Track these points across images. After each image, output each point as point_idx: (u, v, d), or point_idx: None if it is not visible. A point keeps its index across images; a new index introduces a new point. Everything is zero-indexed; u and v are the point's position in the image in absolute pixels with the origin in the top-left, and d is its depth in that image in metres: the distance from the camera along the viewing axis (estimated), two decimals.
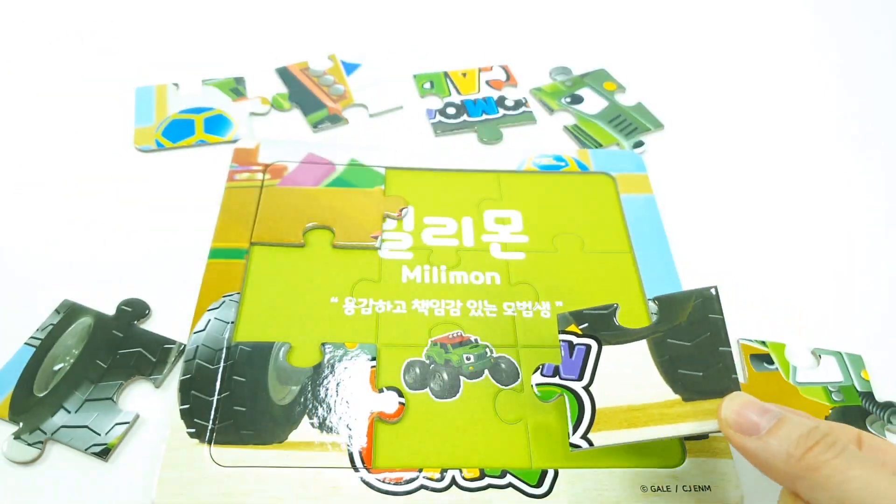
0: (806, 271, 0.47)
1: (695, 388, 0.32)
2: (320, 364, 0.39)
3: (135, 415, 0.36)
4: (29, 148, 0.51)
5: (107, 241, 0.45)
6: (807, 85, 0.63)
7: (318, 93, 0.57)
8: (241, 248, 0.44)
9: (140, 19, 0.63)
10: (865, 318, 0.45)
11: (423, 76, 0.60)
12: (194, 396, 0.37)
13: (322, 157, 0.50)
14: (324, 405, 0.37)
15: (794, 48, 0.68)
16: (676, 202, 0.50)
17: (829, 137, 0.58)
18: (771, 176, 0.54)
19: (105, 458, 0.35)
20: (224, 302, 0.41)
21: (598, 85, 0.60)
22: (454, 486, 0.34)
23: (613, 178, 0.51)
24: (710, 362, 0.33)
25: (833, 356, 0.42)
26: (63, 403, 0.36)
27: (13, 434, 0.35)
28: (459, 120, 0.56)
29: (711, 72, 0.63)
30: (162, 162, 0.50)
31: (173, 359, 0.39)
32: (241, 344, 0.39)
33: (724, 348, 0.33)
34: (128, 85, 0.56)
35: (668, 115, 0.58)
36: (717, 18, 0.70)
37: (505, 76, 0.61)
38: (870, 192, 0.54)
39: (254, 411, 0.36)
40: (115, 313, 0.41)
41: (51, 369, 0.38)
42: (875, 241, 0.50)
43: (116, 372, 0.38)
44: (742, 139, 0.57)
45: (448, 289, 0.43)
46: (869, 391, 0.41)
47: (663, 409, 0.32)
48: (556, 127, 0.56)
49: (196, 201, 0.47)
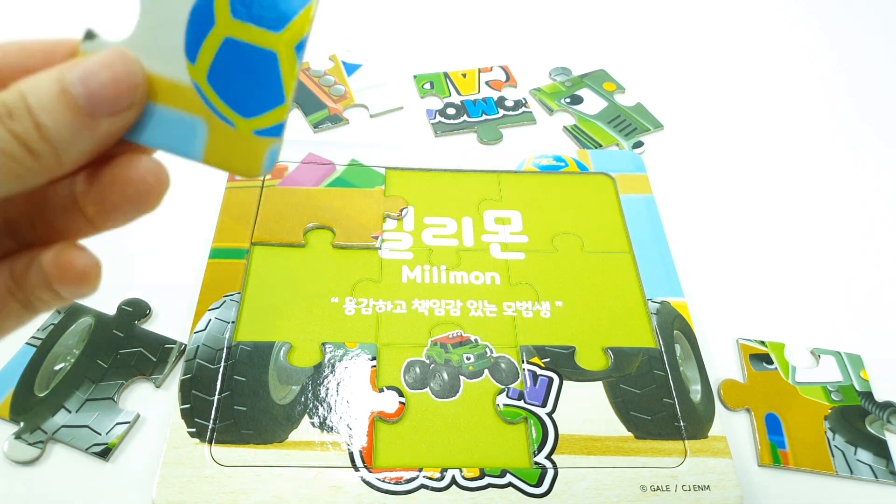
0: (805, 271, 0.48)
1: (644, 429, 0.37)
2: (321, 364, 0.39)
3: (135, 414, 0.36)
4: None
5: (107, 240, 0.45)
6: (806, 85, 0.63)
7: (318, 93, 0.57)
8: (242, 248, 0.44)
9: None
10: (865, 317, 0.45)
11: (423, 77, 0.60)
12: (195, 396, 0.37)
13: (322, 158, 0.50)
14: (324, 405, 0.37)
15: (793, 48, 0.68)
16: (676, 202, 0.50)
17: (828, 138, 0.58)
18: (770, 176, 0.54)
19: (106, 457, 0.35)
20: (225, 302, 0.41)
21: (598, 85, 0.60)
22: (454, 485, 0.34)
23: (613, 179, 0.51)
24: (657, 409, 0.38)
25: (832, 356, 0.42)
26: (64, 403, 0.36)
27: (14, 434, 0.35)
28: (459, 120, 0.56)
29: (711, 72, 0.64)
30: (164, 162, 0.50)
31: (174, 358, 0.39)
32: (241, 344, 0.39)
33: (668, 400, 0.38)
34: None
35: (667, 116, 0.58)
36: (716, 19, 0.70)
37: (505, 77, 0.61)
38: (869, 192, 0.54)
39: (254, 411, 0.36)
40: (115, 313, 0.41)
41: (52, 369, 0.38)
42: (874, 241, 0.50)
43: (117, 372, 0.38)
44: (742, 139, 0.57)
45: (448, 289, 0.43)
46: (868, 391, 0.41)
47: (619, 443, 0.37)
48: (555, 127, 0.57)
49: (197, 201, 0.47)
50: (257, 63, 0.19)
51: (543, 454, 0.36)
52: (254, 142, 0.20)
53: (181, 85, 0.20)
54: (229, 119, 0.20)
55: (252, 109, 0.20)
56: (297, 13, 0.19)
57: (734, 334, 0.43)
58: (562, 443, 0.36)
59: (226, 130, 0.20)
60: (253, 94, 0.20)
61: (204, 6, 0.19)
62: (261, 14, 0.19)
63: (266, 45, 0.19)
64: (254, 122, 0.20)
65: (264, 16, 0.19)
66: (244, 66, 0.19)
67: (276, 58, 0.19)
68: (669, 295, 0.44)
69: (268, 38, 0.19)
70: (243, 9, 0.19)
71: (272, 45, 0.19)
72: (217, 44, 0.19)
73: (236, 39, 0.19)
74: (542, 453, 0.36)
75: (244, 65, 0.19)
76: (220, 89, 0.20)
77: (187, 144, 0.21)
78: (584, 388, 0.39)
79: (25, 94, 0.18)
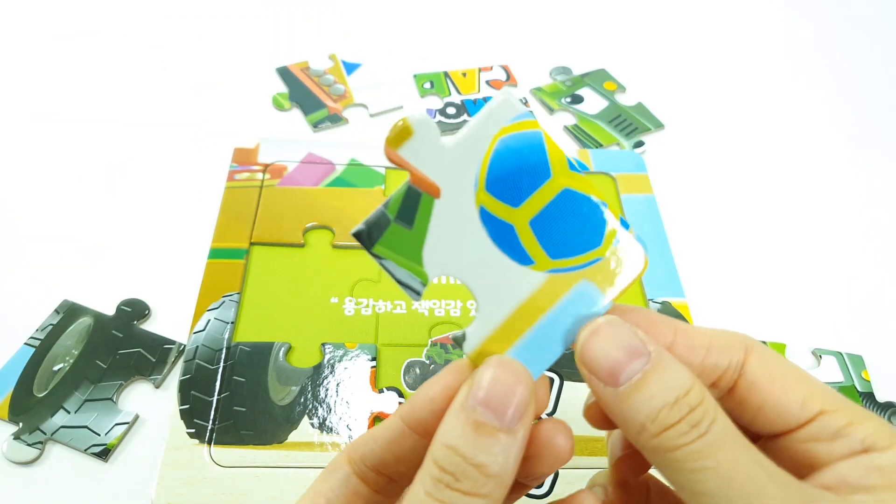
0: (806, 271, 0.47)
1: None
2: (320, 364, 0.39)
3: (134, 415, 0.36)
4: (26, 148, 0.50)
5: (106, 240, 0.45)
6: (807, 85, 0.63)
7: (318, 92, 0.57)
8: (241, 248, 0.44)
9: (139, 20, 0.62)
10: (866, 318, 0.45)
11: (423, 76, 0.60)
12: (194, 397, 0.37)
13: (322, 157, 0.50)
14: (324, 405, 0.37)
15: (794, 48, 0.67)
16: (677, 202, 0.50)
17: (830, 138, 0.58)
18: (772, 176, 0.54)
19: (105, 458, 0.35)
20: (224, 302, 0.41)
21: (599, 85, 0.60)
22: None
23: (614, 179, 0.51)
24: None
25: (833, 356, 0.42)
26: (63, 404, 0.36)
27: (13, 434, 0.35)
28: (460, 120, 0.56)
29: (712, 71, 0.63)
30: (161, 161, 0.50)
31: (173, 359, 0.39)
32: (240, 344, 0.39)
33: None
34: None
35: (668, 115, 0.58)
36: (717, 18, 0.70)
37: (505, 76, 0.61)
38: (871, 192, 0.53)
39: (254, 411, 0.36)
40: (114, 313, 0.41)
41: (50, 369, 0.38)
42: (876, 241, 0.50)
43: (116, 372, 0.38)
44: (743, 139, 0.57)
45: (448, 289, 0.43)
46: (869, 391, 0.41)
47: None
48: (556, 127, 0.56)
49: (196, 201, 0.47)
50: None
51: None
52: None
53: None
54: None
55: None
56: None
57: None
58: None
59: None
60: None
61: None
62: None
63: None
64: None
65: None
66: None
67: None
68: (670, 295, 0.43)
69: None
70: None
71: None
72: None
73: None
74: None
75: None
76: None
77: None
78: (585, 388, 0.38)
79: (455, 446, 0.19)
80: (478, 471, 0.19)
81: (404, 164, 0.21)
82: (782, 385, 0.22)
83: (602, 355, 0.20)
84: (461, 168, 0.21)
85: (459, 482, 0.19)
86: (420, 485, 0.19)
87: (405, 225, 0.21)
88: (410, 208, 0.21)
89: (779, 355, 0.23)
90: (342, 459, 0.23)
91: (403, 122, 0.20)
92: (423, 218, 0.21)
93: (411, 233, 0.21)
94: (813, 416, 0.21)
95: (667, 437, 0.19)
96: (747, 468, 0.19)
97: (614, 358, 0.20)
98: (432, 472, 0.19)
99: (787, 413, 0.21)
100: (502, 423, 0.19)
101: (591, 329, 0.21)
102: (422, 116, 0.20)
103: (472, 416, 0.19)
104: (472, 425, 0.19)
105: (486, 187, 0.21)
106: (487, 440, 0.19)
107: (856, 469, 0.20)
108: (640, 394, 0.20)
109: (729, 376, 0.22)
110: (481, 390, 0.19)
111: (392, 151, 0.21)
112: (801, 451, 0.21)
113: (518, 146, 0.21)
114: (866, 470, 0.20)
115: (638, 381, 0.20)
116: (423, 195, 0.21)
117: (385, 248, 0.21)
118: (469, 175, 0.21)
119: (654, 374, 0.20)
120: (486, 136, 0.21)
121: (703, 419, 0.19)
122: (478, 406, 0.19)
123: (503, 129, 0.21)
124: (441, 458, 0.19)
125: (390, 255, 0.21)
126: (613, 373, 0.20)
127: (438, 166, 0.21)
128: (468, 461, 0.19)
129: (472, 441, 0.19)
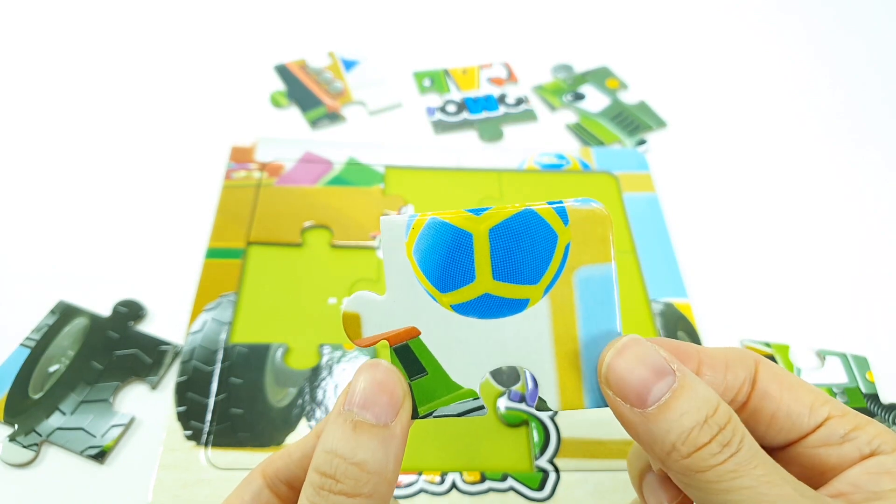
0: (810, 271, 0.47)
1: None
2: (318, 366, 0.38)
3: (131, 417, 0.36)
4: (22, 148, 0.50)
5: (102, 241, 0.44)
6: (811, 84, 0.63)
7: (316, 90, 0.56)
8: (238, 247, 0.43)
9: (139, 20, 0.62)
10: (870, 319, 0.45)
11: (423, 73, 0.59)
12: (191, 398, 0.36)
13: (320, 156, 0.50)
14: (322, 407, 0.37)
15: (797, 46, 0.67)
16: (679, 201, 0.50)
17: (835, 138, 0.57)
18: (775, 175, 0.54)
19: (101, 460, 0.34)
20: (221, 302, 0.40)
21: (601, 82, 0.60)
22: (454, 489, 0.34)
23: (616, 177, 0.50)
24: None
25: (838, 357, 0.42)
26: (58, 405, 0.36)
27: (8, 436, 0.35)
28: (460, 118, 0.56)
29: (715, 70, 0.63)
30: (158, 160, 0.50)
31: (169, 360, 0.38)
32: (238, 345, 0.39)
33: None
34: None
35: (671, 113, 0.57)
36: (720, 16, 0.69)
37: (506, 73, 0.60)
38: (875, 193, 0.53)
39: (251, 413, 0.36)
40: (110, 314, 0.40)
41: (46, 371, 0.37)
42: (880, 242, 0.49)
43: (112, 373, 0.38)
44: (746, 138, 0.56)
45: None
46: (874, 393, 0.40)
47: (622, 447, 0.36)
48: (558, 125, 0.56)
49: (193, 200, 0.46)
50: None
51: (545, 458, 0.35)
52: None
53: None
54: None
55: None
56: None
57: (738, 336, 0.42)
58: (564, 446, 0.36)
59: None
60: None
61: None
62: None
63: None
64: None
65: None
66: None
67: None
68: (673, 296, 0.43)
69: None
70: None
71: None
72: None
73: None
74: (543, 457, 0.35)
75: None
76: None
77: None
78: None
79: (334, 449, 0.20)
80: (358, 469, 0.19)
81: (377, 339, 0.22)
82: (791, 391, 0.22)
83: (628, 375, 0.20)
84: (411, 300, 0.22)
85: (341, 483, 0.19)
86: (304, 497, 0.20)
87: (421, 375, 0.22)
88: (412, 361, 0.22)
89: (782, 367, 0.23)
90: (257, 473, 0.24)
91: (345, 315, 0.22)
92: (427, 357, 0.22)
93: (431, 376, 0.22)
94: (822, 420, 0.22)
95: (699, 457, 0.19)
96: (779, 485, 0.19)
97: (641, 377, 0.20)
98: (314, 481, 0.20)
99: (798, 418, 0.22)
100: (379, 419, 0.20)
101: (615, 349, 0.21)
102: (350, 300, 0.22)
103: (349, 419, 0.20)
104: (350, 426, 0.20)
105: (440, 290, 0.22)
106: (365, 437, 0.20)
107: (867, 474, 0.20)
108: (669, 413, 0.20)
109: (745, 390, 0.22)
110: (356, 395, 0.20)
111: (360, 341, 0.22)
112: (812, 457, 0.22)
113: (430, 242, 0.22)
114: (877, 475, 0.20)
115: (667, 401, 0.20)
116: (409, 343, 0.22)
117: (426, 405, 0.22)
118: (421, 297, 0.22)
119: (683, 393, 0.20)
120: (402, 261, 0.22)
121: (733, 438, 0.20)
122: (354, 408, 0.20)
123: (406, 244, 0.22)
124: (321, 464, 0.20)
125: (435, 405, 0.22)
126: (641, 394, 0.20)
127: (396, 315, 0.22)
128: (348, 461, 0.19)
129: (352, 441, 0.20)
